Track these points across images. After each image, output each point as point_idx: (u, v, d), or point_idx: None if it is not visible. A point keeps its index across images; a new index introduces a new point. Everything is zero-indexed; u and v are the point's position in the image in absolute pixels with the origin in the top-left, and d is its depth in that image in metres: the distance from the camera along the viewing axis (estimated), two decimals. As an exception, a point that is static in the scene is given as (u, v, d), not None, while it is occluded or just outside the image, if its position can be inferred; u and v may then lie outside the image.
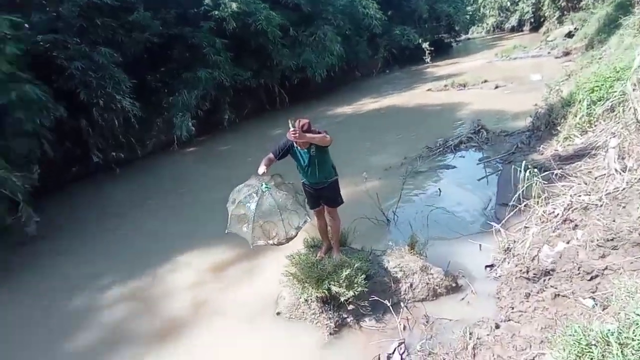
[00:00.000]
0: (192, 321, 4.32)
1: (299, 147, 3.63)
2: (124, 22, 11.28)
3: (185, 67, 13.24)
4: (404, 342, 3.31)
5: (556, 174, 4.84)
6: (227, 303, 4.53)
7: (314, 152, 3.64)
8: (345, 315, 3.71)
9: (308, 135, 3.34)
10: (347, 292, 3.55)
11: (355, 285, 3.58)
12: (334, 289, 3.57)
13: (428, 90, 15.51)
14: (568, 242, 3.65)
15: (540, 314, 3.13)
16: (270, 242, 3.40)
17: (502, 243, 4.15)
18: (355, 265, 3.73)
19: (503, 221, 4.59)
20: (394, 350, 3.23)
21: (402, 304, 3.73)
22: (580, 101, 5.65)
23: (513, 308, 3.33)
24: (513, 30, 38.95)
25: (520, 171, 4.50)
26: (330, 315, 3.71)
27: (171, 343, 4.04)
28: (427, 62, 23.57)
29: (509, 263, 3.86)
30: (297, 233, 3.49)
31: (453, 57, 27.08)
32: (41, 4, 9.99)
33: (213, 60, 13.26)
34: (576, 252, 3.43)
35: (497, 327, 3.25)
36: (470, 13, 36.77)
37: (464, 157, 7.71)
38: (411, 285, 3.82)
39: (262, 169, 3.40)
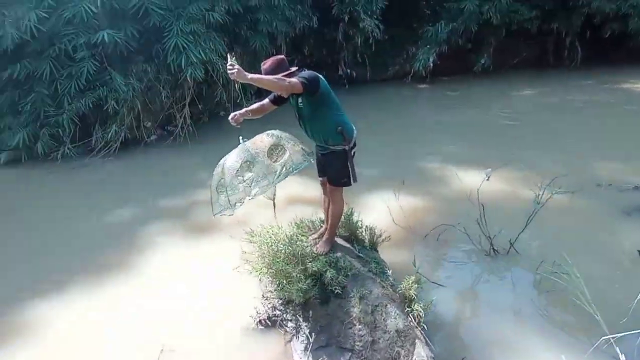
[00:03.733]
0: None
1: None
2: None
3: (453, -4, 11.55)
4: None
5: None
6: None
7: (302, 102, 2.59)
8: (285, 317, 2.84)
9: (250, 76, 2.24)
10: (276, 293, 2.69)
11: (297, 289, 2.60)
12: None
13: None
14: None
15: None
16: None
17: None
18: (312, 268, 2.68)
19: None
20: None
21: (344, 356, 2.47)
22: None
23: None
24: None
25: None
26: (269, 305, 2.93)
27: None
28: None
29: None
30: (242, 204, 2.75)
31: None
32: None
33: (487, -10, 10.97)
34: None
35: None
36: None
37: None
38: (373, 342, 2.42)
39: (231, 115, 2.68)
